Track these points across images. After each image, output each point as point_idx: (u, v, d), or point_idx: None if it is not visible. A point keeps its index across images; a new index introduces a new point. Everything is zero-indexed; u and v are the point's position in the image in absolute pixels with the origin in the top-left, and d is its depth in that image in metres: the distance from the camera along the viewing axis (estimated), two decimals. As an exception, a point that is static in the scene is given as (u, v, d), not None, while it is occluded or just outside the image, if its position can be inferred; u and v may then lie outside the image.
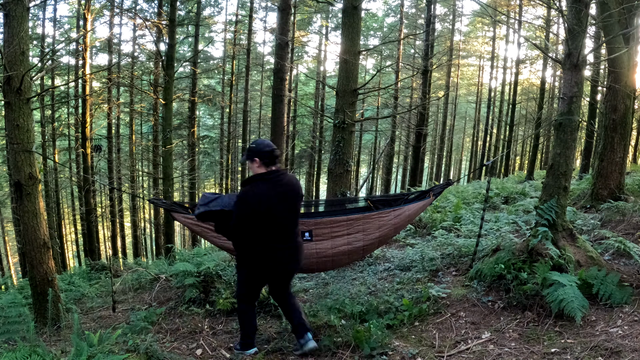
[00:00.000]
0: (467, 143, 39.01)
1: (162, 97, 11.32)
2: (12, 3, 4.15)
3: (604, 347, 2.93)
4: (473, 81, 34.11)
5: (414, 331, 3.62)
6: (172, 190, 12.01)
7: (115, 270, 7.57)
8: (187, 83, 18.89)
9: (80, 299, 6.00)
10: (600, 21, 6.56)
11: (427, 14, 15.25)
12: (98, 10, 15.42)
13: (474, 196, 10.44)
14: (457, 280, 4.60)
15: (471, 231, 6.18)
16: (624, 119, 6.51)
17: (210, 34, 23.74)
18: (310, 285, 5.25)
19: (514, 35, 23.33)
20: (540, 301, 3.64)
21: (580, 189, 8.07)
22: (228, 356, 3.44)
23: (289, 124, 18.69)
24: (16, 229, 14.51)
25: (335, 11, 22.48)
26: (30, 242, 4.38)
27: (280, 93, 8.74)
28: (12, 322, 3.71)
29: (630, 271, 4.06)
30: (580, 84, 4.09)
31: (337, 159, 6.43)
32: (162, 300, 5.16)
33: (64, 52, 16.95)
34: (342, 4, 6.77)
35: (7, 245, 22.14)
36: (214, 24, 22.77)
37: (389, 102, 21.93)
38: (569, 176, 4.17)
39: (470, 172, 28.37)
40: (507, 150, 22.98)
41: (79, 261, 19.65)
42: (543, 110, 17.92)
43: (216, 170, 25.20)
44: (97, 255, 15.74)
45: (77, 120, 15.95)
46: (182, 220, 4.29)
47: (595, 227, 5.61)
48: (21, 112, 4.22)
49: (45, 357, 2.70)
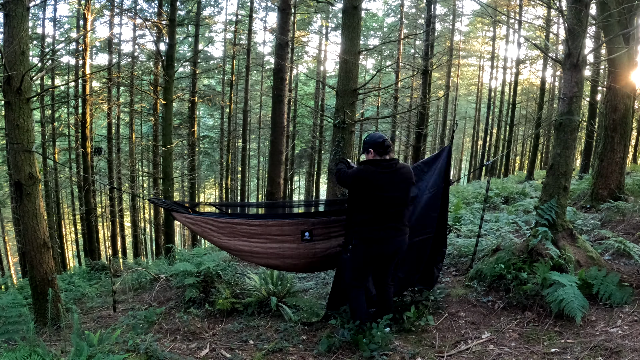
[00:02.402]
0: (467, 143, 39.02)
1: (162, 97, 11.32)
2: (12, 3, 4.16)
3: (604, 347, 2.93)
4: (473, 81, 34.11)
5: (414, 331, 3.62)
6: (172, 190, 12.01)
7: (115, 270, 7.57)
8: (187, 83, 18.87)
9: (80, 299, 6.00)
10: (600, 21, 6.56)
11: (427, 13, 15.23)
12: (98, 10, 15.41)
13: (474, 196, 10.46)
14: (457, 280, 4.60)
15: (471, 231, 6.18)
16: (624, 119, 6.51)
17: (210, 34, 23.73)
18: (310, 285, 5.25)
19: (514, 35, 23.34)
20: (540, 301, 3.64)
21: (580, 189, 8.07)
22: (228, 356, 3.44)
23: (289, 124, 18.68)
24: (16, 229, 14.50)
25: (335, 11, 22.49)
26: (30, 242, 4.38)
27: (280, 93, 8.75)
28: (12, 322, 3.72)
29: (630, 271, 4.06)
30: (580, 84, 4.09)
31: (337, 159, 6.43)
32: (162, 300, 5.16)
33: (64, 52, 16.95)
34: (342, 4, 6.76)
35: (7, 245, 22.13)
36: (214, 24, 22.76)
37: (389, 102, 21.91)
38: (569, 176, 4.17)
39: (470, 172, 28.37)
40: (507, 150, 22.98)
41: (79, 261, 19.65)
42: (543, 110, 17.91)
43: (216, 170, 25.19)
44: (97, 255, 15.74)
45: (77, 120, 15.94)
46: (182, 220, 4.29)
47: (595, 227, 5.61)
48: (21, 112, 4.22)
49: (45, 357, 2.70)
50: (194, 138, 17.83)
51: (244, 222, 4.09)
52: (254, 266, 5.78)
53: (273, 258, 4.07)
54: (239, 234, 4.05)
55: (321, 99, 24.88)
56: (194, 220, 4.09)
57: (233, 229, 4.05)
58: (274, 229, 4.01)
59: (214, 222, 4.06)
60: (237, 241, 4.06)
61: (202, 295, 4.74)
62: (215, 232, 4.04)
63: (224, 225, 4.05)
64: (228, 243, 4.06)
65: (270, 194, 9.49)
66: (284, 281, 4.74)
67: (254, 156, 29.19)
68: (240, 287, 4.82)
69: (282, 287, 4.66)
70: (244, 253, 4.11)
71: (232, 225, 4.06)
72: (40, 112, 15.47)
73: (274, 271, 4.76)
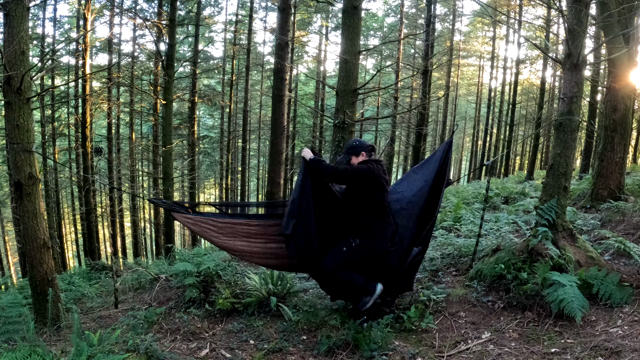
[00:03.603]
0: (467, 143, 39.03)
1: (162, 97, 11.32)
2: (12, 3, 4.16)
3: (604, 347, 2.93)
4: (473, 81, 34.12)
5: (414, 331, 3.62)
6: (172, 190, 12.01)
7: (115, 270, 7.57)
8: (187, 83, 18.87)
9: (80, 299, 6.00)
10: (600, 21, 6.56)
11: (427, 14, 15.23)
12: (98, 10, 15.41)
13: (474, 196, 10.45)
14: (457, 280, 4.60)
15: (471, 231, 6.18)
16: (624, 119, 6.51)
17: (210, 34, 23.74)
18: (310, 285, 5.25)
19: (514, 35, 23.35)
20: (540, 301, 3.64)
21: (580, 189, 8.07)
22: (228, 356, 3.44)
23: (289, 124, 18.67)
24: (16, 229, 14.50)
25: (335, 11, 22.49)
26: (30, 242, 4.38)
27: (280, 93, 8.75)
28: (12, 322, 3.72)
29: (630, 271, 4.06)
30: (580, 84, 4.09)
31: (337, 159, 6.42)
32: (162, 300, 5.16)
33: (64, 52, 16.97)
34: (342, 4, 6.76)
35: (7, 245, 22.14)
36: (214, 24, 22.78)
37: (389, 102, 21.91)
38: (569, 176, 4.17)
39: (470, 172, 28.37)
40: (507, 150, 22.98)
41: (79, 261, 19.65)
42: (543, 110, 17.92)
43: (216, 170, 25.20)
44: (97, 255, 15.74)
45: (77, 120, 15.94)
46: (182, 220, 4.28)
47: (595, 227, 5.61)
48: (21, 112, 4.22)
49: (45, 357, 2.70)
50: (194, 138, 17.83)
51: (244, 222, 4.08)
52: (254, 266, 5.77)
53: (273, 258, 4.07)
54: (239, 234, 4.04)
55: (321, 99, 24.89)
56: (194, 220, 4.09)
57: (233, 229, 4.05)
58: (273, 228, 4.01)
59: (214, 222, 4.05)
60: (237, 241, 4.05)
61: (202, 295, 4.74)
62: (215, 232, 4.04)
63: (224, 225, 4.05)
64: (228, 243, 4.06)
65: (270, 194, 9.49)
66: (284, 281, 4.74)
67: (254, 156, 29.19)
68: (240, 287, 4.82)
69: (282, 287, 4.65)
70: (244, 253, 4.10)
71: (232, 225, 4.06)
72: (40, 112, 15.48)
73: (274, 271, 4.76)
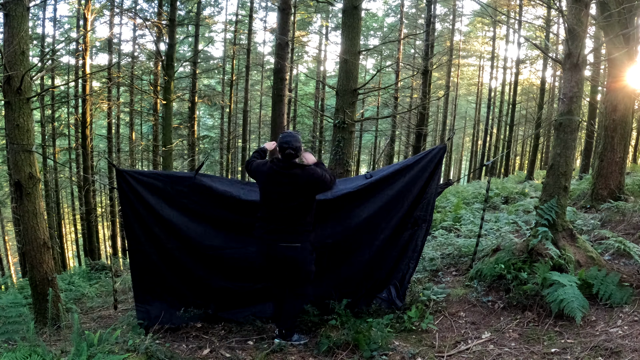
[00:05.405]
0: (467, 143, 39.01)
1: (162, 97, 11.32)
2: (12, 3, 4.15)
3: (604, 347, 2.93)
4: (473, 81, 34.11)
5: (414, 331, 3.62)
6: (172, 190, 11.97)
7: (115, 270, 7.57)
8: (187, 83, 18.85)
9: (80, 299, 6.00)
10: (600, 21, 6.56)
11: (427, 14, 15.23)
12: (98, 10, 15.40)
13: (474, 196, 10.45)
14: (457, 280, 4.60)
15: (471, 231, 6.18)
16: (624, 119, 6.51)
17: (210, 34, 23.73)
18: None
19: (514, 35, 23.34)
20: (540, 301, 3.64)
21: (580, 189, 8.07)
22: (228, 356, 3.44)
23: (289, 124, 18.65)
24: (16, 229, 14.49)
25: (335, 11, 22.49)
26: (30, 242, 4.38)
27: (280, 93, 8.74)
28: (12, 322, 3.71)
29: (630, 271, 4.06)
30: (580, 84, 4.09)
31: (337, 159, 6.43)
32: (162, 300, 5.14)
33: (64, 52, 16.96)
34: (342, 4, 6.77)
35: (7, 245, 22.13)
36: (214, 24, 22.76)
37: (389, 102, 21.90)
38: (569, 176, 4.17)
39: (470, 172, 28.37)
40: (507, 150, 22.98)
41: (79, 261, 19.64)
42: (543, 110, 17.91)
43: (216, 170, 25.16)
44: (97, 255, 15.74)
45: (77, 120, 15.94)
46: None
47: (595, 227, 5.61)
48: (21, 112, 4.22)
49: (45, 357, 2.70)
50: (194, 138, 17.81)
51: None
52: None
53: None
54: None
55: (321, 99, 24.89)
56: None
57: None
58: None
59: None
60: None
61: (202, 295, 4.72)
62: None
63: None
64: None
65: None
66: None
67: (254, 156, 29.13)
68: (240, 287, 4.80)
69: (282, 287, 4.64)
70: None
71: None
72: (40, 112, 15.47)
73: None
